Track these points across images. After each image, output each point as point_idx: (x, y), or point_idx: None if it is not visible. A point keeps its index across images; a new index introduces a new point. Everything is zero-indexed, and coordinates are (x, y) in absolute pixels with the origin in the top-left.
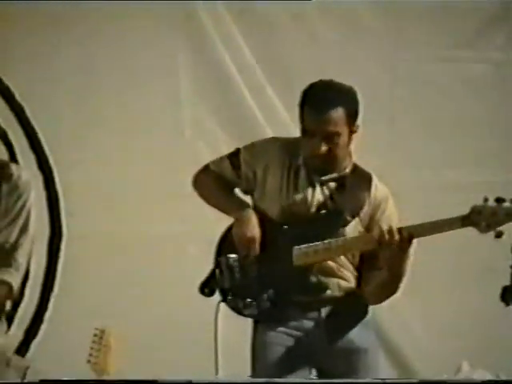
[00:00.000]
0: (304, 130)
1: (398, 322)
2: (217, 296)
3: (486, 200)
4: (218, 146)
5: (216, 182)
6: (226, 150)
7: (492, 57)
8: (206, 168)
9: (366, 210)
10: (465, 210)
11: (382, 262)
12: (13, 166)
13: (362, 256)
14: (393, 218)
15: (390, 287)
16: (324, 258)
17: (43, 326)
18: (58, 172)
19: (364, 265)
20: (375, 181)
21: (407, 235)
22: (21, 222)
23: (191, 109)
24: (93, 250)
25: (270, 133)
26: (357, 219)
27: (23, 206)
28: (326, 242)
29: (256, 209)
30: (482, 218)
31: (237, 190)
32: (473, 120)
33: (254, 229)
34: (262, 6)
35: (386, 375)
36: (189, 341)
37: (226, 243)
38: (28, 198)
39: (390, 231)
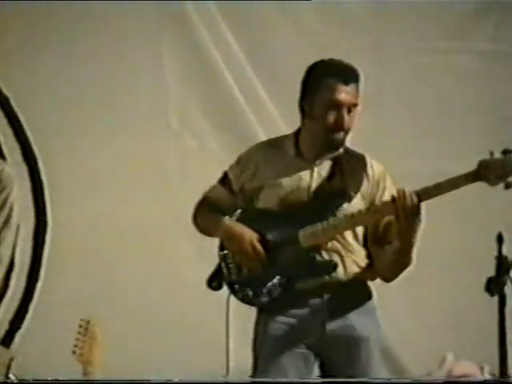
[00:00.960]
0: (316, 108)
1: (383, 312)
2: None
3: (491, 154)
4: (204, 137)
5: (209, 209)
6: (213, 141)
7: (480, 47)
8: (202, 199)
9: (365, 187)
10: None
11: (393, 234)
12: None
13: (371, 233)
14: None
15: (403, 259)
16: (333, 236)
17: (28, 317)
18: (43, 162)
19: (374, 241)
20: (369, 159)
21: (417, 197)
22: (4, 214)
23: (178, 100)
24: (78, 241)
25: (256, 125)
26: (358, 196)
27: (6, 199)
28: (331, 220)
29: (257, 209)
30: (490, 170)
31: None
32: (460, 110)
33: (244, 235)
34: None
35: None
36: (174, 331)
37: None
38: (11, 191)
39: (403, 194)
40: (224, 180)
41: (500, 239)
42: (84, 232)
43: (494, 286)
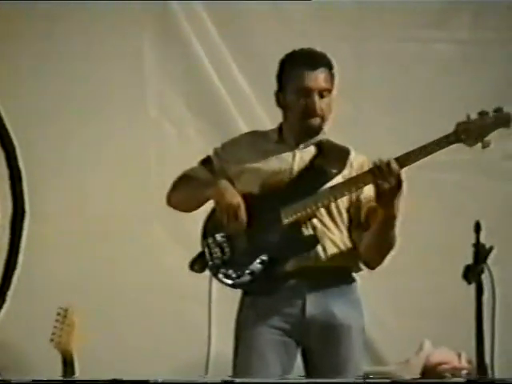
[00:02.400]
0: (289, 97)
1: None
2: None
3: (468, 116)
4: (183, 125)
5: (188, 182)
6: (192, 129)
7: (458, 36)
8: (180, 177)
9: (347, 172)
10: (429, 188)
11: (377, 218)
12: None
13: (355, 218)
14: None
15: (386, 236)
16: (313, 211)
17: (6, 305)
18: (21, 149)
19: (357, 226)
20: (353, 152)
21: (397, 163)
22: None
23: (156, 87)
24: (56, 228)
25: (235, 112)
26: (339, 177)
27: None
28: (313, 195)
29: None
30: (467, 132)
31: None
32: (439, 99)
33: (234, 196)
34: None
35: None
36: (154, 319)
37: (210, 224)
38: None
39: (381, 161)
40: (205, 161)
41: (478, 227)
42: (62, 220)
43: (471, 274)
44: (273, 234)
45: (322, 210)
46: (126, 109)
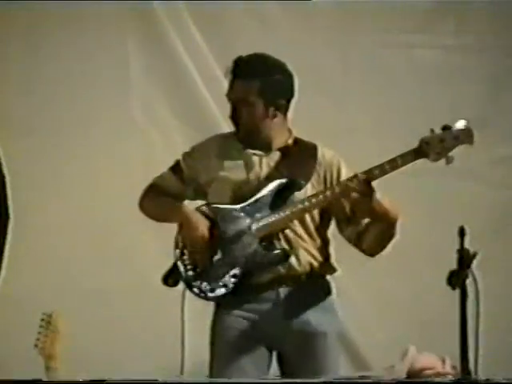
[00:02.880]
0: None
1: (346, 305)
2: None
3: (432, 131)
4: (169, 132)
5: (158, 195)
6: (178, 136)
7: (443, 42)
8: (151, 186)
9: (316, 175)
10: (413, 193)
11: (361, 208)
12: None
13: (342, 219)
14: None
15: (388, 231)
16: (284, 225)
17: None
18: (4, 157)
19: (348, 224)
20: (320, 148)
21: (363, 179)
22: None
23: (142, 94)
24: (39, 235)
25: (221, 119)
26: (309, 185)
27: None
28: (283, 209)
29: (209, 204)
30: (431, 147)
31: (186, 202)
32: (424, 104)
33: (198, 226)
34: None
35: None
36: (137, 325)
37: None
38: None
39: (347, 180)
40: (175, 168)
41: (462, 232)
42: (46, 225)
43: (455, 279)
44: (245, 247)
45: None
46: (112, 117)
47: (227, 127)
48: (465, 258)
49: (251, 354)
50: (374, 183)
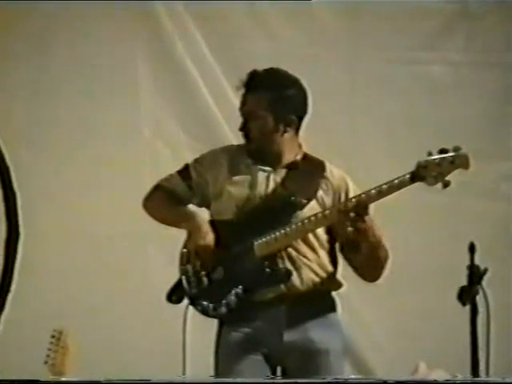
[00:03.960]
0: None
1: (356, 322)
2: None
3: (429, 154)
4: (177, 145)
5: (166, 197)
6: (186, 149)
7: (451, 58)
8: (157, 187)
9: (322, 192)
10: (423, 210)
11: (353, 238)
12: None
13: (345, 242)
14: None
15: (376, 253)
16: (286, 244)
17: (0, 328)
18: (15, 171)
19: (349, 249)
20: (329, 166)
21: (357, 203)
22: None
23: (150, 109)
24: (50, 251)
25: (229, 133)
26: (314, 202)
27: None
28: (285, 228)
29: (212, 217)
30: (427, 171)
31: (190, 206)
32: (432, 120)
33: (206, 236)
34: (221, 5)
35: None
36: (148, 341)
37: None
38: None
39: (346, 202)
40: (184, 173)
41: (472, 249)
42: (56, 242)
43: (466, 295)
44: (247, 266)
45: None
46: (121, 130)
47: (235, 141)
48: (475, 274)
49: (254, 370)
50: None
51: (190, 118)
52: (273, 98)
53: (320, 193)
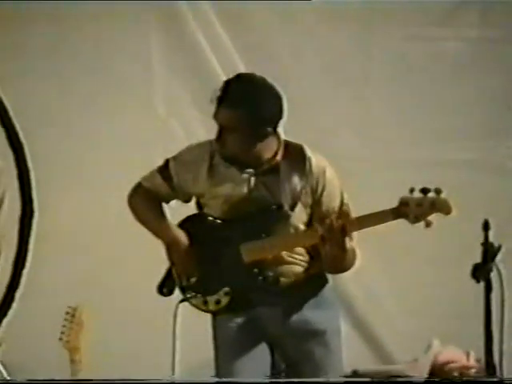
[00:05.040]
0: None
1: (370, 299)
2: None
3: (412, 191)
4: (191, 124)
5: (147, 201)
6: (200, 128)
7: (466, 34)
8: (139, 186)
9: (304, 192)
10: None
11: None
12: None
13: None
14: (333, 195)
15: (341, 264)
16: (271, 254)
17: (14, 304)
18: (29, 149)
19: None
20: (308, 154)
21: (343, 229)
22: None
23: (164, 87)
24: (65, 228)
25: None
26: (299, 205)
27: None
28: (271, 238)
29: (201, 212)
30: (409, 209)
31: (174, 202)
32: (448, 97)
33: (182, 250)
34: None
35: (354, 354)
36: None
37: None
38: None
39: (330, 226)
40: (164, 172)
41: (486, 226)
42: (70, 219)
43: (480, 272)
44: (235, 269)
45: None
46: (135, 109)
47: None
48: (489, 252)
49: (253, 353)
50: None
51: (204, 96)
52: (248, 113)
53: (303, 196)
